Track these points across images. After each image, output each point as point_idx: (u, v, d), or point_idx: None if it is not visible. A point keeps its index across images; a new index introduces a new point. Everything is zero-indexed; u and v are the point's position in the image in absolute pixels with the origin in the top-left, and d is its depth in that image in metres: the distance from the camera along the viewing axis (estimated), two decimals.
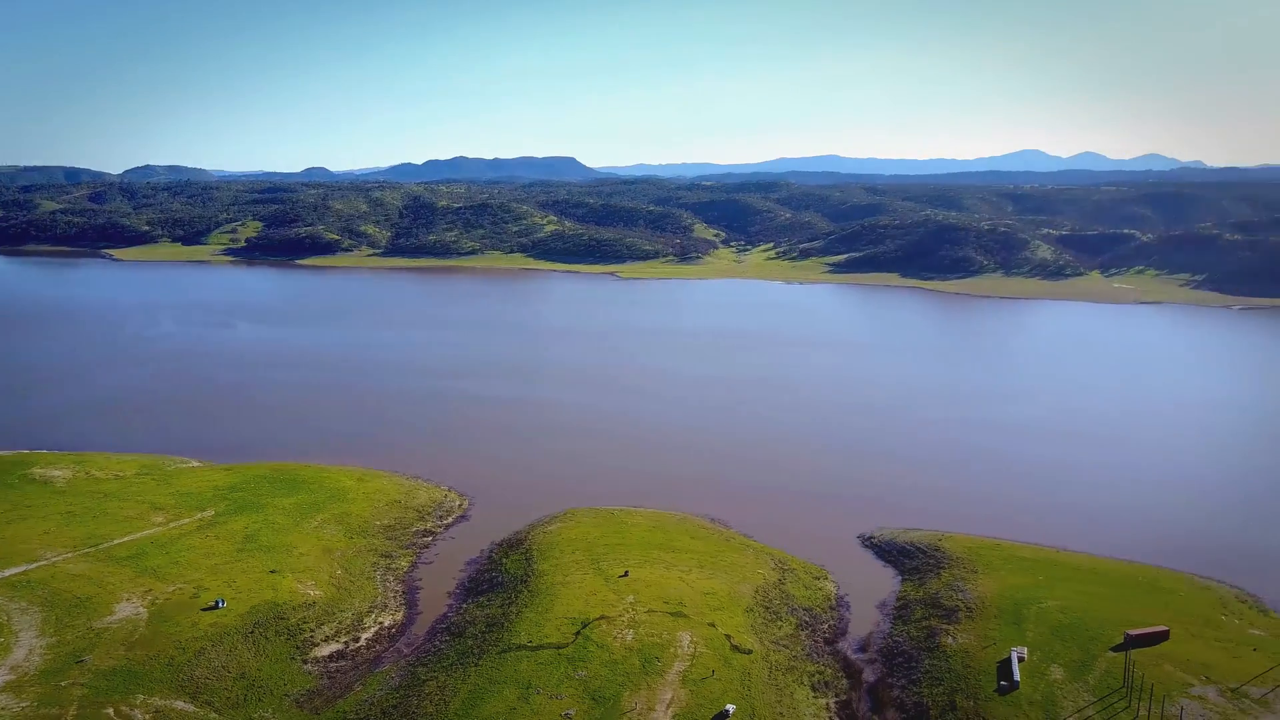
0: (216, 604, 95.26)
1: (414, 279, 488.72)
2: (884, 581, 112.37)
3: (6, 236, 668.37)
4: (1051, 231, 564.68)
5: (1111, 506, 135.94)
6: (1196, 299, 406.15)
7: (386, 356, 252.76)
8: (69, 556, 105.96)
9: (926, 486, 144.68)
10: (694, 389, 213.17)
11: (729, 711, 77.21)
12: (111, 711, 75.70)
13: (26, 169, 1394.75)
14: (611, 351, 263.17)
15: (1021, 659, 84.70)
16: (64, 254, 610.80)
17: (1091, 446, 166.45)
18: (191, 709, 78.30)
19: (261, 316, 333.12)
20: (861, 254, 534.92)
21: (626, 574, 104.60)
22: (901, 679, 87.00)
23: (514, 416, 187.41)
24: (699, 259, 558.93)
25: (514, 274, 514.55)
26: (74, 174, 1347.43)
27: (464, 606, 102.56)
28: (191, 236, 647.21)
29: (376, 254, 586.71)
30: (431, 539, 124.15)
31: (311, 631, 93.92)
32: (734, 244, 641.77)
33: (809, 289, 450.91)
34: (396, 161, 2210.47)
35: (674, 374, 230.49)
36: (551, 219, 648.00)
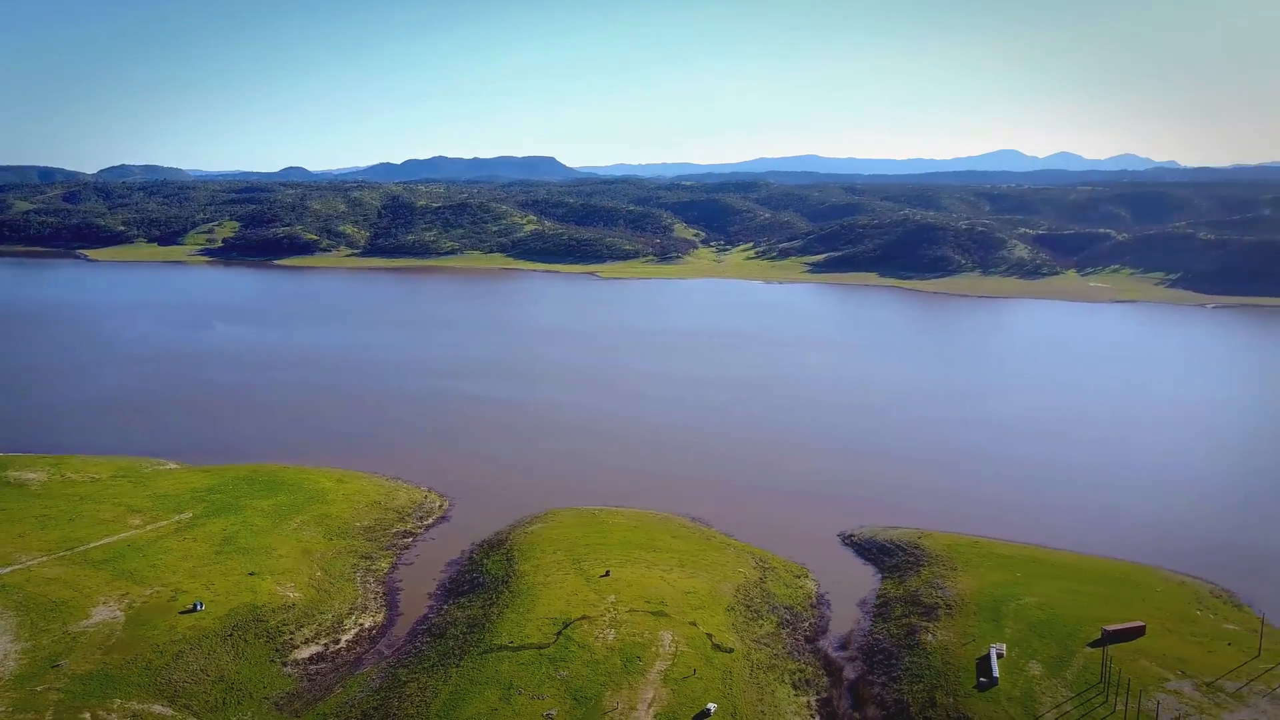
0: (195, 607, 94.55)
1: (393, 279, 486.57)
2: (864, 579, 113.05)
3: None
4: (1028, 231, 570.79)
5: (1089, 504, 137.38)
6: (1171, 297, 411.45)
7: (367, 357, 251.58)
8: (44, 560, 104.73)
9: (906, 485, 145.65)
10: (675, 388, 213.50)
11: (710, 710, 77.47)
12: (89, 716, 74.98)
13: None
14: (594, 351, 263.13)
15: (1000, 655, 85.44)
16: (38, 254, 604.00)
17: (1068, 445, 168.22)
18: (170, 713, 77.68)
19: (239, 318, 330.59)
20: (840, 253, 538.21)
21: (608, 574, 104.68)
22: (882, 676, 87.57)
23: (495, 416, 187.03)
24: (679, 259, 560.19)
25: (494, 274, 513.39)
26: (48, 174, 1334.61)
27: (445, 607, 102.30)
28: (168, 237, 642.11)
29: (355, 254, 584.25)
30: (412, 540, 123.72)
31: (291, 634, 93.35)
32: (714, 244, 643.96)
33: (789, 288, 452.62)
34: (375, 161, 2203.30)
35: (656, 374, 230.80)
36: (531, 219, 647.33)
